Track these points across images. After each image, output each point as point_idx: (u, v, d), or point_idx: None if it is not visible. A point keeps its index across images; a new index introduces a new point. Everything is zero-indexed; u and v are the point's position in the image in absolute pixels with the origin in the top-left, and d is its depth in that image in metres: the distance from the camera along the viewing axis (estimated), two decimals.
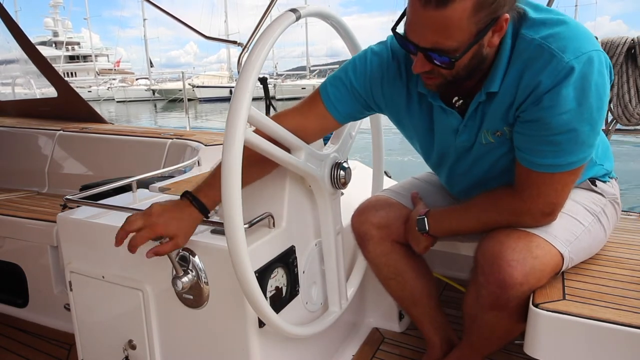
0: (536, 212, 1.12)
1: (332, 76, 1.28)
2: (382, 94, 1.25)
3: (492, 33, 0.99)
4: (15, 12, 37.63)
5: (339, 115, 1.26)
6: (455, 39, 0.96)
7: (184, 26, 3.24)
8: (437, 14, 0.93)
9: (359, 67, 1.24)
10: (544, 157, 1.04)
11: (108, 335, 1.46)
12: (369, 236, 1.43)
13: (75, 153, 3.11)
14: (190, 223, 1.16)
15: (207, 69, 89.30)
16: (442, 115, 1.20)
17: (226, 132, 0.93)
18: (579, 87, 0.97)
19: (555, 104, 0.98)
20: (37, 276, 2.21)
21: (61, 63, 46.35)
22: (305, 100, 1.29)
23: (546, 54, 0.99)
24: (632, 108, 2.03)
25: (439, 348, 1.53)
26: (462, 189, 1.35)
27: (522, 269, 1.08)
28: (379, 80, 1.24)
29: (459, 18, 0.93)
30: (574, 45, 0.98)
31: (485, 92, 1.09)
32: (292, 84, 33.77)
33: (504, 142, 1.14)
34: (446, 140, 1.25)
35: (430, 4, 0.93)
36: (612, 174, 1.38)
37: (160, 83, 41.53)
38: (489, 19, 0.96)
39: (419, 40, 1.00)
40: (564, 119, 0.98)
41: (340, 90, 1.25)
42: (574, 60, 0.96)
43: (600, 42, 2.03)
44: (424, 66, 1.03)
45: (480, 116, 1.14)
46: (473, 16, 0.94)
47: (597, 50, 0.99)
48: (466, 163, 1.26)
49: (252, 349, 1.23)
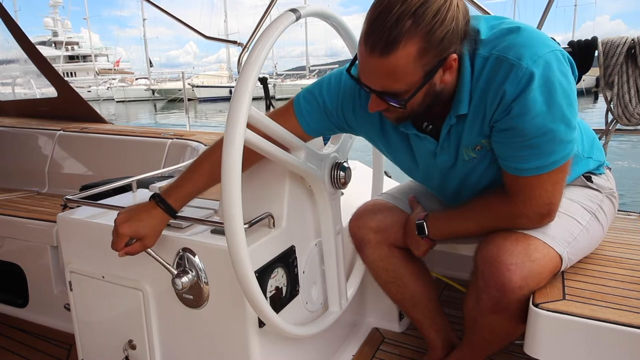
0: (532, 215, 1.13)
1: (307, 90, 1.29)
2: (354, 118, 1.26)
3: (442, 72, 1.01)
4: (15, 12, 37.59)
5: (310, 129, 1.27)
6: (404, 82, 0.98)
7: (183, 26, 3.24)
8: (382, 61, 0.95)
9: (333, 87, 1.26)
10: (527, 161, 1.05)
11: (108, 335, 1.46)
12: (366, 240, 1.43)
13: (75, 153, 3.11)
14: (156, 223, 1.21)
15: (206, 68, 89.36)
16: (418, 141, 1.22)
17: (226, 132, 0.93)
18: (545, 89, 0.98)
19: (525, 110, 0.99)
20: (37, 276, 2.21)
21: (61, 63, 46.25)
22: (281, 108, 1.31)
23: (505, 64, 1.00)
24: (632, 108, 2.03)
25: (440, 349, 1.53)
26: (458, 202, 1.35)
27: (520, 272, 1.08)
28: (350, 104, 1.25)
29: (404, 64, 0.95)
30: (530, 51, 0.99)
31: (455, 115, 1.10)
32: (291, 84, 33.72)
33: (486, 155, 1.15)
34: (427, 162, 1.26)
35: (375, 52, 0.95)
36: (605, 164, 1.38)
37: (160, 83, 41.49)
38: (435, 60, 0.97)
39: (369, 83, 1.02)
40: (537, 122, 0.99)
41: (312, 105, 1.26)
42: (532, 65, 0.97)
43: (600, 42, 2.03)
44: (378, 106, 1.07)
45: (455, 137, 1.15)
46: (419, 60, 0.95)
47: (553, 50, 1.00)
48: (454, 181, 1.27)
49: (252, 349, 1.23)
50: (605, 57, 2.02)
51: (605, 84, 2.07)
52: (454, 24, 0.95)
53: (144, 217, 1.20)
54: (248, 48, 2.62)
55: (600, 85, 2.11)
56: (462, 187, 1.28)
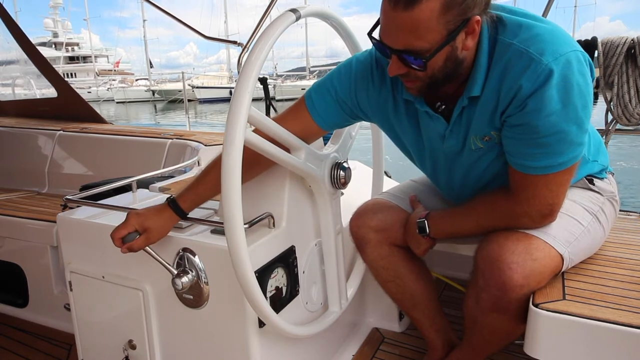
0: (534, 214, 1.12)
1: (317, 84, 1.29)
2: (368, 102, 1.26)
3: (465, 35, 1.00)
4: (15, 12, 37.60)
5: (324, 123, 1.27)
6: (426, 39, 0.98)
7: (184, 26, 3.24)
8: (405, 15, 0.95)
9: (344, 76, 1.26)
10: (535, 159, 1.05)
11: (108, 335, 1.46)
12: (366, 239, 1.43)
13: (75, 153, 3.12)
14: (164, 222, 1.23)
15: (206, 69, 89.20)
16: (428, 121, 1.21)
17: (226, 132, 0.93)
18: (562, 88, 0.98)
19: (540, 107, 0.99)
20: (37, 276, 2.21)
21: (61, 64, 46.19)
22: (291, 107, 1.31)
23: (525, 57, 1.00)
24: (632, 108, 2.03)
25: (440, 349, 1.53)
26: (460, 196, 1.35)
27: (522, 271, 1.08)
28: (364, 88, 1.25)
29: (427, 18, 0.95)
30: (552, 47, 0.98)
31: (467, 97, 1.10)
32: (291, 85, 33.73)
33: (494, 147, 1.15)
34: (434, 145, 1.25)
35: (399, 6, 0.95)
36: (608, 169, 1.39)
37: (160, 84, 41.48)
38: (459, 20, 0.97)
39: (391, 42, 1.01)
40: (550, 121, 0.99)
41: (325, 98, 1.26)
42: (553, 63, 0.97)
43: (600, 43, 2.03)
44: (399, 69, 1.05)
45: (466, 121, 1.15)
46: (442, 16, 0.95)
47: (575, 50, 1.00)
48: (460, 170, 1.26)
49: (252, 349, 1.23)
50: (605, 57, 2.02)
51: (605, 84, 2.08)
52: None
53: (153, 214, 1.23)
54: (248, 48, 2.62)
55: (600, 86, 2.12)
56: (465, 179, 1.27)
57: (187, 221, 1.29)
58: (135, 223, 1.20)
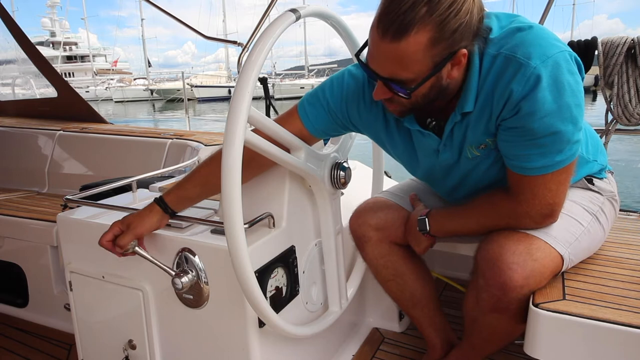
0: (535, 215, 1.12)
1: (310, 94, 1.31)
2: (358, 117, 1.27)
3: (450, 66, 1.01)
4: (13, 12, 37.56)
5: (315, 131, 1.28)
6: (412, 70, 0.98)
7: (182, 26, 3.24)
8: (393, 47, 0.96)
9: (336, 88, 1.26)
10: (532, 160, 1.05)
11: (108, 335, 1.46)
12: (366, 238, 1.43)
13: (75, 153, 3.11)
14: (151, 218, 1.26)
15: (205, 68, 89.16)
16: (421, 138, 1.22)
17: (226, 132, 0.93)
18: (554, 89, 0.98)
19: (535, 109, 0.99)
20: (37, 276, 2.21)
21: (58, 63, 46.16)
22: (285, 113, 1.32)
23: (513, 63, 1.00)
24: (632, 108, 2.03)
25: (439, 349, 1.53)
26: (459, 199, 1.35)
27: (522, 271, 1.08)
28: (355, 104, 1.25)
29: (414, 51, 0.95)
30: (539, 50, 0.99)
31: (460, 113, 1.10)
32: (290, 84, 33.73)
33: (490, 153, 1.15)
34: (429, 159, 1.26)
35: (387, 36, 0.95)
36: (607, 168, 1.39)
37: (159, 83, 41.48)
38: (446, 53, 0.97)
39: (378, 69, 1.02)
40: (546, 122, 0.99)
41: (316, 108, 1.27)
42: (541, 65, 0.97)
43: (600, 42, 2.03)
44: (384, 94, 1.06)
45: (460, 135, 1.15)
46: (429, 50, 0.96)
47: (562, 50, 1.00)
48: (456, 177, 1.27)
49: (252, 349, 1.23)
50: (605, 57, 2.02)
51: (605, 84, 2.08)
52: (467, 17, 0.95)
53: (144, 212, 1.26)
54: (248, 48, 2.62)
55: (600, 85, 2.12)
56: (462, 184, 1.28)
57: (186, 221, 1.29)
58: (118, 224, 1.25)
